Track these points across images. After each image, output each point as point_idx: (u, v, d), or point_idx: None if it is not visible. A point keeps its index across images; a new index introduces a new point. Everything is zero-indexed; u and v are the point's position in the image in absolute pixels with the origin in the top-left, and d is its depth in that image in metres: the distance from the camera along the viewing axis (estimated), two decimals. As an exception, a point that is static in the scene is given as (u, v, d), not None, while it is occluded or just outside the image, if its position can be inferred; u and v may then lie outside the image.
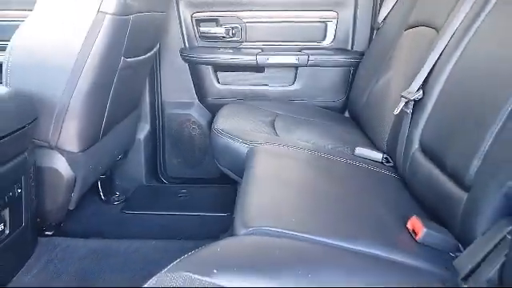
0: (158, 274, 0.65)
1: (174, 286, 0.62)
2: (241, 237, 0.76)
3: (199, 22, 2.01)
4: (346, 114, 2.01)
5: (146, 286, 0.65)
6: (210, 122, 1.87)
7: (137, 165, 2.05)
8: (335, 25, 2.00)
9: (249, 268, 0.65)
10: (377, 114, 1.51)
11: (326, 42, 2.03)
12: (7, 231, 1.12)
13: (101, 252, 1.38)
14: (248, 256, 0.69)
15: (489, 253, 0.75)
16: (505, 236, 0.73)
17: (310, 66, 1.99)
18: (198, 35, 2.02)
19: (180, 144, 2.14)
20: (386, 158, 1.34)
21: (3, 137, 1.04)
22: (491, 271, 0.73)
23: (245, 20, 2.00)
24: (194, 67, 2.03)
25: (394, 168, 1.29)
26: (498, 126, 0.81)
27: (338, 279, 0.68)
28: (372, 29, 1.99)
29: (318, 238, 0.77)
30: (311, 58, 1.98)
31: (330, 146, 1.41)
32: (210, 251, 0.69)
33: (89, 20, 1.21)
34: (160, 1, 1.59)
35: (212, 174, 2.10)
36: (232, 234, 0.83)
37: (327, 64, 2.00)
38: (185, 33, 2.01)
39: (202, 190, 2.04)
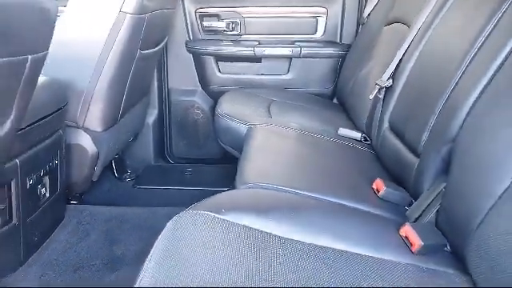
0: (180, 213, 0.88)
1: (193, 220, 0.85)
2: (241, 189, 0.99)
3: (202, 16, 2.21)
4: (335, 101, 2.24)
5: (169, 222, 0.87)
6: (213, 108, 2.09)
7: (146, 146, 2.27)
8: (325, 20, 2.21)
9: (248, 208, 0.88)
10: (358, 100, 1.73)
11: (317, 36, 2.24)
12: (47, 195, 1.35)
13: (120, 216, 1.62)
14: (247, 201, 0.92)
15: (430, 203, 0.99)
16: (441, 189, 0.97)
17: (303, 57, 2.20)
18: (201, 29, 2.22)
19: (185, 127, 2.35)
20: (364, 136, 1.57)
21: (45, 117, 1.27)
22: (430, 216, 0.97)
23: (244, 15, 2.20)
24: (198, 58, 2.24)
25: (371, 145, 1.52)
26: (439, 109, 1.04)
27: (313, 219, 0.91)
28: (358, 23, 2.20)
29: (300, 192, 1.01)
30: (303, 49, 2.19)
31: (317, 127, 1.64)
32: (219, 197, 0.92)
33: (112, 18, 1.43)
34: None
35: (214, 155, 2.32)
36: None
37: (318, 55, 2.21)
38: (189, 27, 2.21)
39: (205, 169, 2.26)
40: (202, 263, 0.74)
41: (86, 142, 1.55)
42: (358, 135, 1.57)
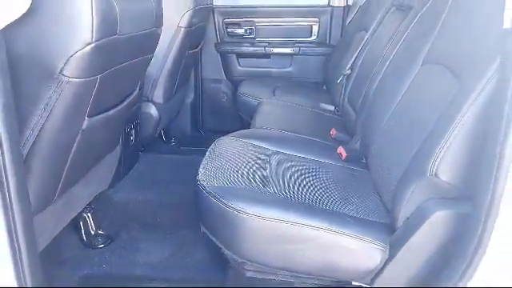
0: (219, 138, 1.68)
1: (227, 143, 1.65)
2: (253, 129, 1.79)
3: (227, 25, 3.01)
4: (324, 88, 3.01)
5: (212, 144, 1.67)
6: (234, 93, 2.88)
7: (185, 120, 3.08)
8: (318, 27, 2.99)
9: (256, 136, 1.67)
10: (334, 85, 2.51)
11: (312, 38, 3.02)
12: (133, 141, 2.17)
13: (175, 159, 2.47)
14: (256, 133, 1.71)
15: (358, 138, 1.77)
16: (363, 129, 1.75)
17: (301, 54, 2.98)
18: (226, 34, 3.03)
19: (213, 107, 3.16)
20: (336, 109, 2.35)
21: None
22: (357, 144, 1.75)
23: (257, 24, 3.00)
24: (224, 55, 3.04)
25: (339, 114, 2.30)
26: (367, 84, 1.81)
27: (289, 144, 1.70)
28: (342, 30, 2.97)
29: (285, 131, 1.81)
30: (302, 49, 2.97)
31: (305, 102, 2.42)
32: (240, 131, 1.72)
33: (172, 30, 2.23)
34: (206, 15, 2.61)
35: (235, 128, 3.08)
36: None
37: (312, 53, 2.99)
38: (218, 33, 3.01)
39: (228, 137, 3.07)
40: (230, 161, 1.50)
41: (152, 110, 2.36)
42: (332, 108, 2.36)
